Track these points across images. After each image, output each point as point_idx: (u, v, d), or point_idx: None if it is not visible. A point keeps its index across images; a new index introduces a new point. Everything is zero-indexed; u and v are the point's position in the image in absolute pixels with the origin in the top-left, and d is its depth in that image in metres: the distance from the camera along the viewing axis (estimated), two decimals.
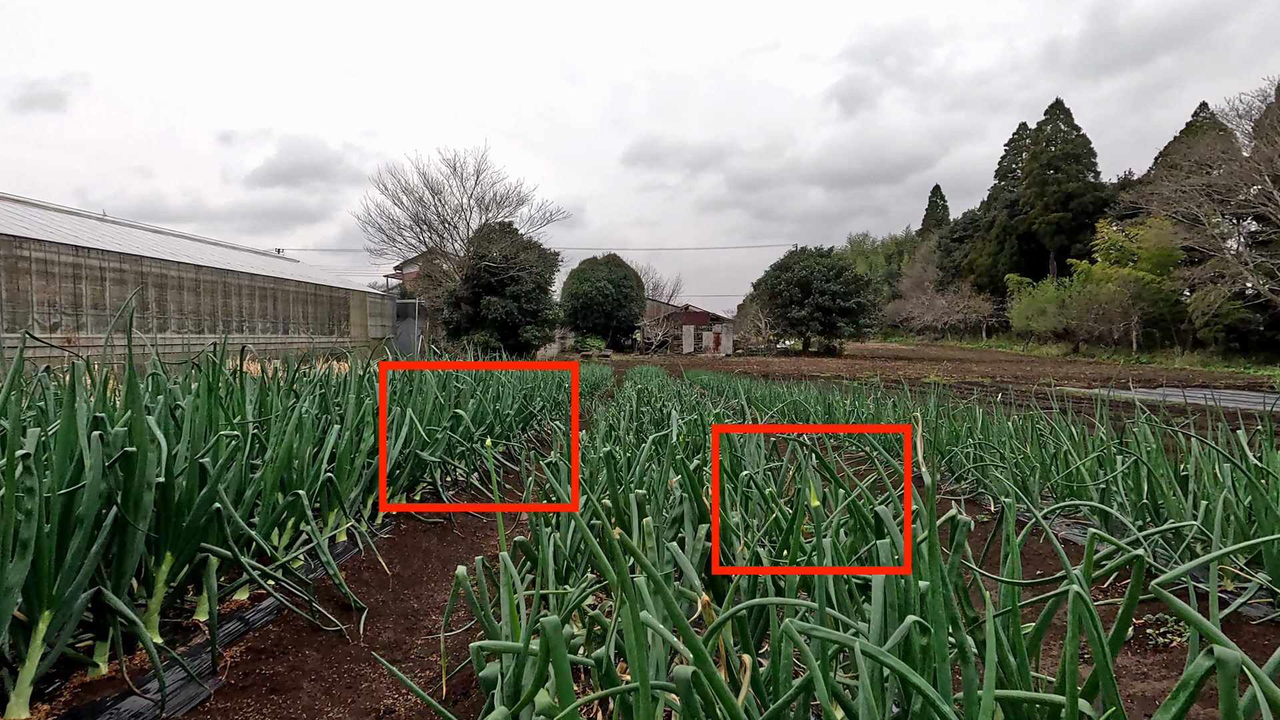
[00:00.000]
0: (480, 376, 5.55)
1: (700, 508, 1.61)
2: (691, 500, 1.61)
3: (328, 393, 3.30)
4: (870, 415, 5.79)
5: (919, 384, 16.66)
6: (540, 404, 7.07)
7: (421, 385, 3.70)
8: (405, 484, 3.61)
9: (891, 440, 4.96)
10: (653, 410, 4.75)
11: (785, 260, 47.89)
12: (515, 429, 5.71)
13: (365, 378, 3.76)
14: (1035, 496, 3.39)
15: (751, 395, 9.85)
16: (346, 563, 2.93)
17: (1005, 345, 55.97)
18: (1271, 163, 33.49)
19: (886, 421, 5.60)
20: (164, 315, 22.52)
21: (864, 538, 1.51)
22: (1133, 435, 3.12)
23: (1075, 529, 3.26)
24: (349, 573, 2.84)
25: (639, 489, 1.70)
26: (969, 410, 5.03)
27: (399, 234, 36.23)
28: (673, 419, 2.12)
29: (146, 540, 1.80)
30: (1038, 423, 4.20)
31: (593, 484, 2.37)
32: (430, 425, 3.79)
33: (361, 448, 2.97)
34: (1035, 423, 4.13)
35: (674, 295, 63.52)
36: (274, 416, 2.51)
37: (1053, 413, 4.39)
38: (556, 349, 44.55)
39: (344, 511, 2.67)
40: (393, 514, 3.58)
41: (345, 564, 2.92)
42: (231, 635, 2.14)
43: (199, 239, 31.62)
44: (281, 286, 29.25)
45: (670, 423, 2.51)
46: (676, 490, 1.74)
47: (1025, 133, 62.99)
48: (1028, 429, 4.31)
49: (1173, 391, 16.23)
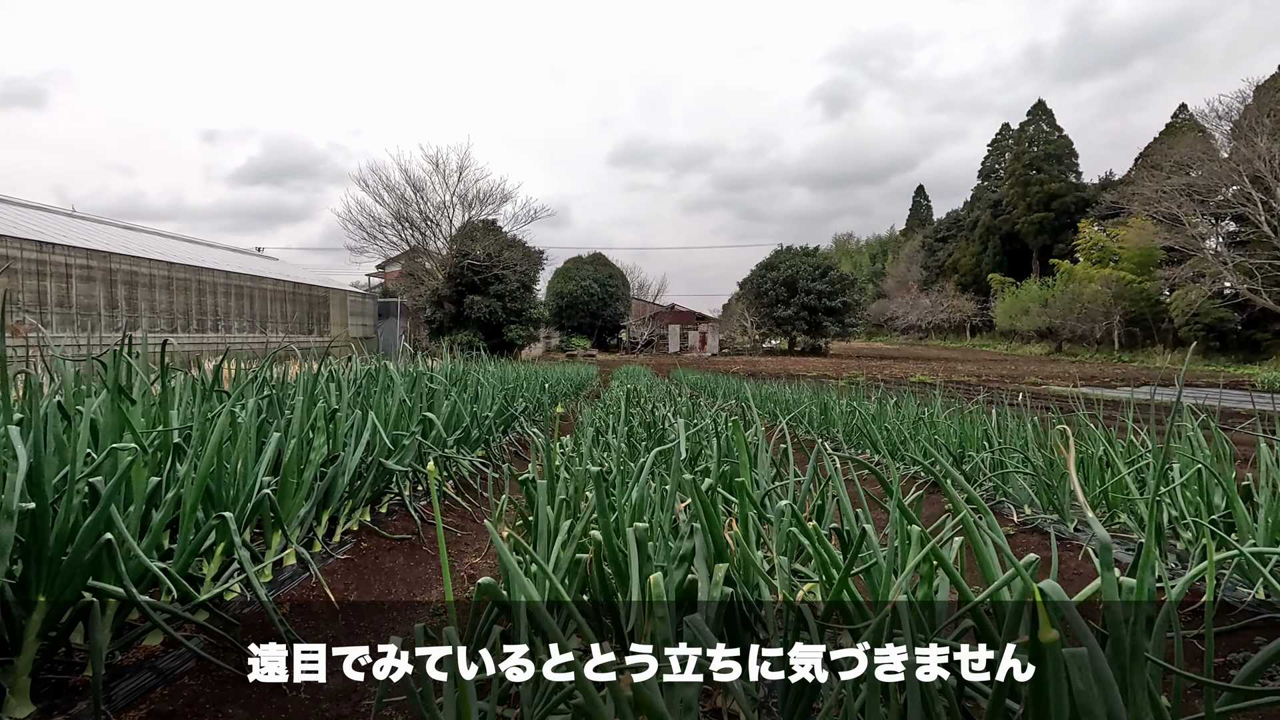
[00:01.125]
0: (457, 376, 5.16)
1: (717, 543, 1.26)
2: (706, 532, 1.26)
3: (277, 395, 2.90)
4: (873, 416, 5.47)
5: (905, 383, 16.45)
6: (523, 405, 6.68)
7: (388, 386, 3.31)
8: (368, 496, 3.22)
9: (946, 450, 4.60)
10: (643, 413, 4.39)
11: (771, 259, 47.75)
12: (495, 432, 5.32)
13: (323, 377, 3.36)
14: (1065, 508, 3.07)
15: (742, 395, 9.53)
16: (294, 590, 2.54)
17: (989, 344, 56.29)
18: (1250, 163, 33.84)
19: (890, 423, 5.28)
20: (134, 314, 21.75)
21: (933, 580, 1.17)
22: (1186, 441, 2.81)
23: (1114, 544, 2.94)
24: (295, 604, 2.45)
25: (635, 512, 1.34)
26: (978, 412, 4.72)
27: (380, 231, 35.57)
28: (679, 431, 1.76)
29: (11, 582, 1.41)
30: (1055, 425, 3.89)
31: (578, 501, 2.02)
32: (397, 430, 3.40)
33: (312, 458, 2.58)
34: (1054, 425, 3.81)
35: (660, 294, 63.27)
36: (200, 424, 2.11)
37: (1073, 415, 4.09)
38: (541, 348, 44.05)
39: (285, 534, 2.28)
40: (353, 530, 3.19)
41: (292, 591, 2.53)
42: (136, 693, 1.75)
43: (172, 235, 30.74)
44: (259, 285, 28.51)
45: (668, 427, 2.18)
46: (683, 516, 1.40)
47: (1008, 133, 63.44)
48: (1044, 431, 4.01)
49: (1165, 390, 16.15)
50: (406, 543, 3.26)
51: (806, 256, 46.69)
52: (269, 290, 29.12)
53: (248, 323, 27.34)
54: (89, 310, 19.53)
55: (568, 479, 2.12)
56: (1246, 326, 37.02)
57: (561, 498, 1.73)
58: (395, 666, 1.08)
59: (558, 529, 1.54)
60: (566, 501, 2.02)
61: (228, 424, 1.97)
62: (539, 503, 1.55)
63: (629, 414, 4.64)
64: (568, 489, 1.92)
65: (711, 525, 1.25)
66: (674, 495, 1.47)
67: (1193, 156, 37.75)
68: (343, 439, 2.81)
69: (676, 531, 1.50)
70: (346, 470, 2.89)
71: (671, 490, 1.46)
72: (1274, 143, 33.20)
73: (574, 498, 1.83)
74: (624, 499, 1.57)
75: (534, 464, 2.11)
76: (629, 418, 4.39)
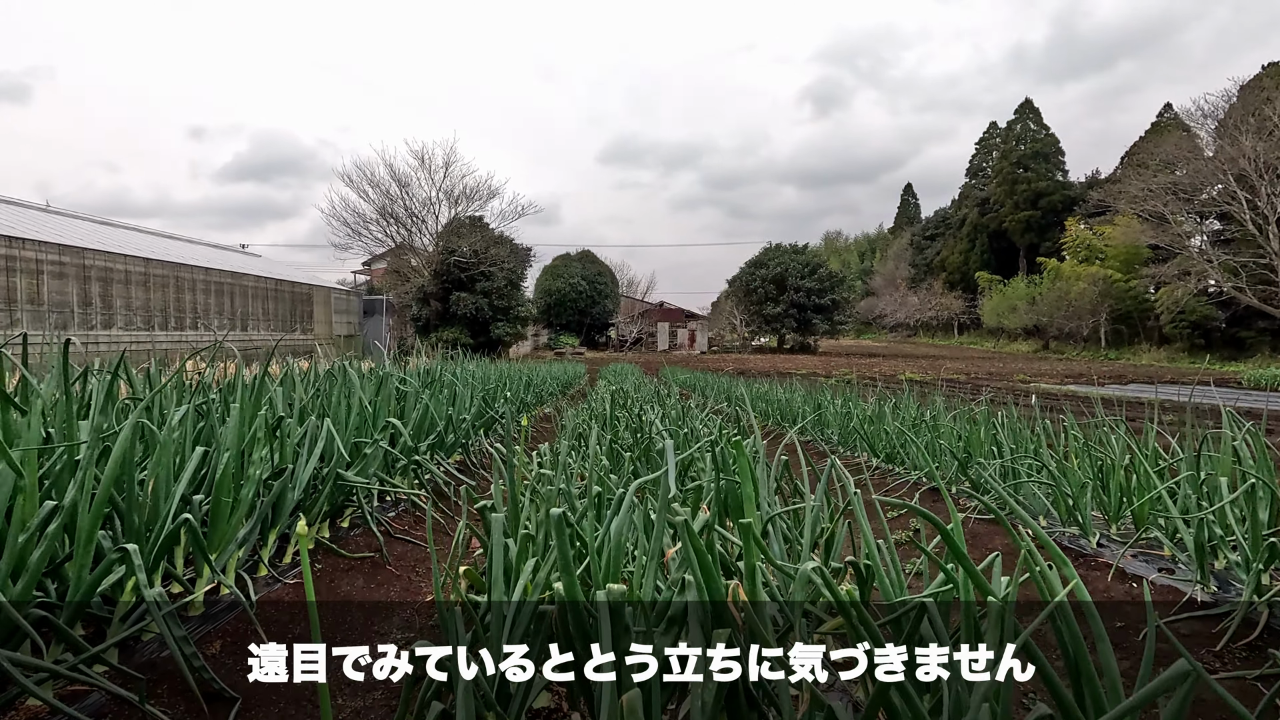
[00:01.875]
0: (433, 377, 4.85)
1: (715, 598, 0.98)
2: (701, 589, 0.98)
3: (210, 403, 2.58)
4: (871, 417, 5.21)
5: (895, 382, 16.28)
6: (505, 407, 6.38)
7: (348, 389, 3.00)
8: (325, 511, 2.92)
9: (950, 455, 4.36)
10: (630, 416, 4.11)
11: (761, 256, 47.58)
12: (475, 434, 5.02)
13: (274, 380, 3.05)
14: (1088, 521, 2.83)
15: (735, 395, 9.27)
16: (230, 623, 2.24)
17: (977, 342, 56.51)
18: (1235, 162, 34.03)
19: (888, 426, 5.02)
20: (109, 311, 21.16)
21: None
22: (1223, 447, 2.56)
23: (1141, 562, 2.69)
24: (229, 639, 2.15)
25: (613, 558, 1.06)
26: (983, 414, 4.47)
27: (365, 228, 35.00)
28: (667, 454, 1.46)
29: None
30: (1072, 429, 3.64)
31: (549, 531, 1.72)
32: (360, 438, 3.10)
33: (253, 472, 2.28)
34: (1070, 429, 3.57)
35: (649, 292, 63.04)
36: (96, 437, 1.80)
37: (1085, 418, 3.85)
38: (530, 346, 43.64)
39: (210, 563, 1.98)
40: (310, 548, 2.88)
41: (228, 625, 2.23)
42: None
43: (150, 231, 30.04)
44: (240, 282, 27.91)
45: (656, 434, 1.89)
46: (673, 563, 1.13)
47: (995, 132, 63.65)
48: (1058, 435, 3.77)
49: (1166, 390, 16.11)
50: (368, 562, 2.96)
51: (796, 254, 46.55)
52: (250, 287, 28.53)
53: (228, 320, 26.76)
54: (62, 308, 18.96)
55: (539, 500, 1.84)
56: (1230, 324, 37.28)
57: (527, 530, 1.43)
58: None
59: (518, 570, 1.26)
60: (530, 537, 1.71)
61: (130, 437, 1.66)
62: (492, 541, 1.26)
63: (614, 417, 4.35)
64: (536, 513, 1.63)
65: (708, 579, 0.98)
66: (661, 535, 1.19)
67: (1178, 155, 37.94)
68: (293, 449, 2.51)
69: (666, 571, 1.22)
70: (298, 484, 2.58)
71: (657, 533, 1.18)
72: (1259, 141, 33.39)
73: (545, 525, 1.54)
74: (599, 536, 1.28)
75: (497, 484, 1.82)
76: (614, 421, 4.10)
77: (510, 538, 1.36)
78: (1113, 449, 3.28)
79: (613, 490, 1.85)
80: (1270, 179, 33.18)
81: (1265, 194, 33.31)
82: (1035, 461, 3.20)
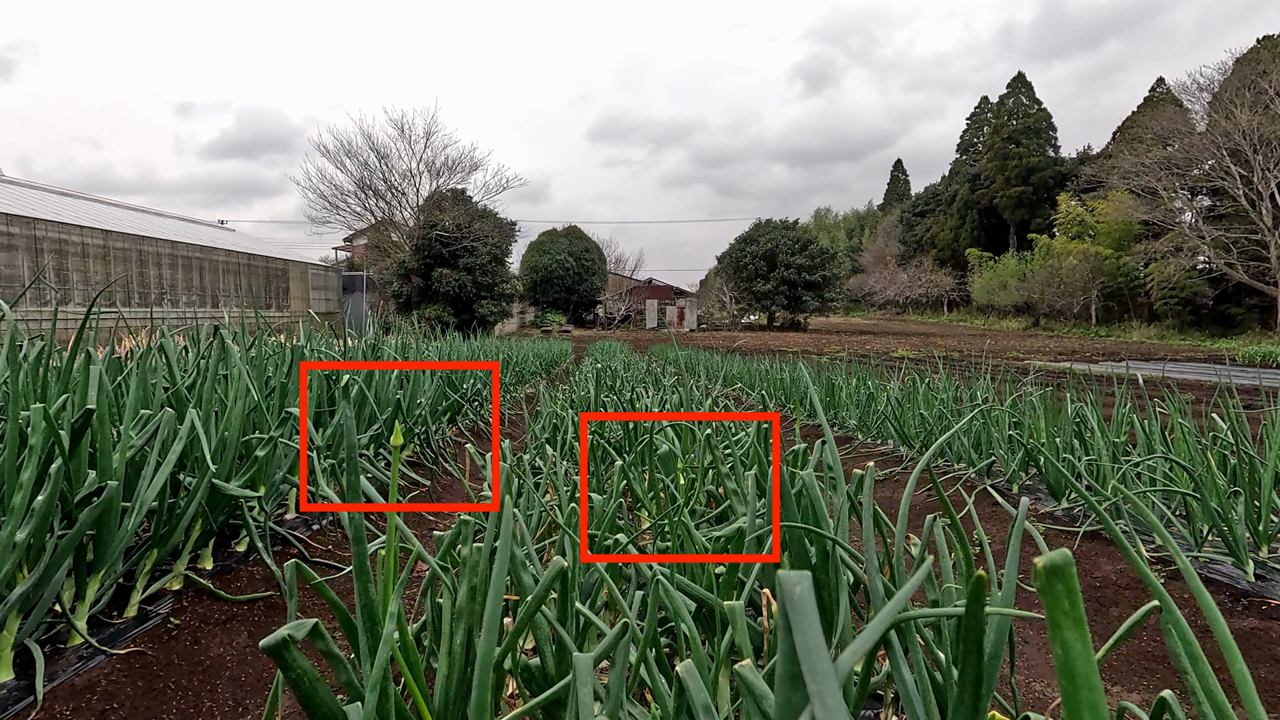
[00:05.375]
0: (377, 352, 4.04)
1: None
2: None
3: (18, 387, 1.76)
4: (897, 403, 4.47)
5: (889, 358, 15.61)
6: (473, 386, 5.58)
7: (228, 367, 2.19)
8: (199, 536, 2.13)
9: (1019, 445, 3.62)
10: (619, 401, 3.33)
11: (751, 233, 46.69)
12: (432, 424, 4.23)
13: (100, 358, 2.23)
14: (1243, 547, 2.10)
15: (727, 373, 8.53)
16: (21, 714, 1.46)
17: (966, 319, 56.18)
18: (1229, 136, 33.49)
19: (923, 409, 4.28)
20: (66, 286, 19.95)
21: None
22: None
23: None
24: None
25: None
26: (1048, 396, 3.73)
27: (343, 200, 33.65)
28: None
29: None
30: (1177, 416, 2.91)
31: (517, 574, 0.99)
32: (252, 435, 2.29)
33: (31, 499, 1.48)
34: (1174, 416, 2.83)
35: (637, 269, 62.04)
36: None
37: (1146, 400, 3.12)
38: (515, 324, 42.63)
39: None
40: (174, 589, 2.10)
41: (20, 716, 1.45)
42: None
43: (112, 203, 28.56)
44: (209, 256, 26.66)
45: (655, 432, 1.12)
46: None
47: (987, 106, 62.79)
48: (1150, 427, 3.03)
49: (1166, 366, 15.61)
50: (261, 604, 2.17)
51: (786, 230, 45.69)
52: (220, 262, 27.29)
53: (197, 296, 25.54)
54: (10, 282, 17.76)
55: (463, 567, 1.08)
56: (1219, 301, 37.04)
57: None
58: None
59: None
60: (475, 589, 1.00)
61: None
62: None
63: (600, 402, 3.58)
64: (456, 588, 0.90)
65: None
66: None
67: (1171, 130, 37.38)
68: (124, 458, 1.72)
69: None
70: (140, 504, 1.79)
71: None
72: (1254, 115, 32.83)
73: (452, 631, 0.79)
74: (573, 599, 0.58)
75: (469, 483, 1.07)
76: (600, 408, 3.33)
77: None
78: (1229, 440, 2.56)
79: (595, 506, 1.09)
80: (1265, 153, 32.69)
81: (1259, 169, 32.84)
82: (1159, 460, 2.46)
